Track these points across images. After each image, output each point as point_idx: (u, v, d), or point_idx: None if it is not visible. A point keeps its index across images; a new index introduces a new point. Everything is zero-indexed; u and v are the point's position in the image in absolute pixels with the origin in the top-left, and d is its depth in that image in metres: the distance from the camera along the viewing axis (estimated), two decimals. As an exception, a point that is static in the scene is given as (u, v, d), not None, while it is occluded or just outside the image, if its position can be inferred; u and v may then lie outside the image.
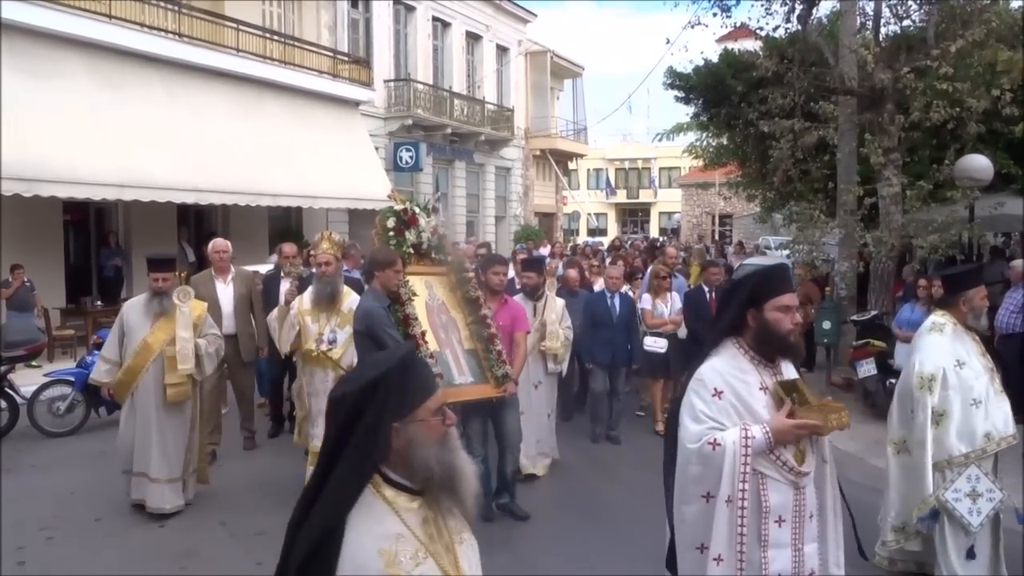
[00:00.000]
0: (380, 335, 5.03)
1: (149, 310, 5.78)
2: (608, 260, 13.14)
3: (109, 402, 7.69)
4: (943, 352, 4.51)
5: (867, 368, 9.23)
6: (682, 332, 8.75)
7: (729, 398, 2.94)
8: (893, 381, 8.99)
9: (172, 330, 5.77)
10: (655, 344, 8.45)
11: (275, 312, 6.64)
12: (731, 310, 3.08)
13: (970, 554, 4.35)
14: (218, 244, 7.84)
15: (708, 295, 8.64)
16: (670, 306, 8.71)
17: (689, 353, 8.65)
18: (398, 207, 6.04)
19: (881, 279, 11.39)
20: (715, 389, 2.95)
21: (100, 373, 5.95)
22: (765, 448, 2.87)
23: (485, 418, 5.86)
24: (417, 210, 6.13)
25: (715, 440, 2.87)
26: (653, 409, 8.72)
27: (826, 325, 10.60)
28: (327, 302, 6.19)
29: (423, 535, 1.83)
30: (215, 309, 7.14)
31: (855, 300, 11.94)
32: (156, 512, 5.82)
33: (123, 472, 5.97)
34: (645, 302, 8.79)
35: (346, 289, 6.37)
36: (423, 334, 5.52)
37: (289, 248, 8.29)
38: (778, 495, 2.91)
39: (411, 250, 5.93)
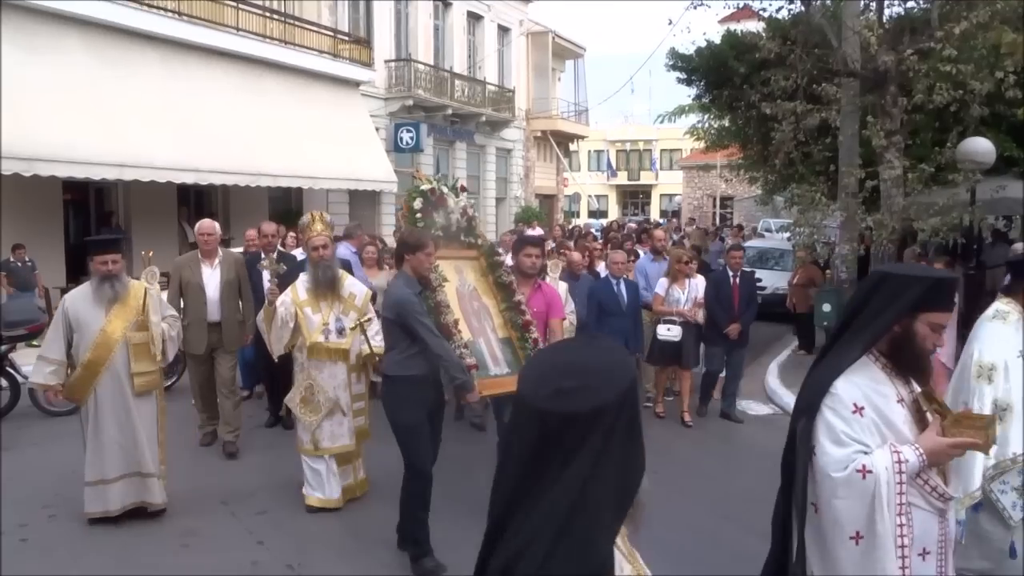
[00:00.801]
0: (413, 324, 4.70)
1: (100, 297, 5.24)
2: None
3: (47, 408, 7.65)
4: (1006, 342, 4.02)
5: (867, 351, 9.24)
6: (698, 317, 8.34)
7: (870, 414, 2.55)
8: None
9: (130, 316, 5.30)
10: (668, 332, 8.08)
11: (260, 315, 5.97)
12: (886, 314, 2.60)
13: (1012, 552, 3.87)
14: (204, 225, 7.21)
15: (731, 279, 8.41)
16: (687, 292, 8.25)
17: (712, 341, 8.42)
18: (425, 187, 5.71)
19: (881, 262, 11.38)
20: (855, 405, 2.54)
21: (43, 376, 5.26)
22: (917, 471, 2.51)
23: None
24: (445, 190, 5.81)
25: (864, 466, 2.45)
26: (656, 395, 8.55)
27: (826, 308, 10.62)
28: (327, 288, 5.71)
29: None
30: (200, 294, 6.86)
31: (856, 283, 11.94)
32: (152, 508, 5.45)
33: (86, 484, 5.33)
34: (660, 287, 8.36)
35: (341, 272, 5.94)
36: (456, 322, 5.22)
37: (268, 227, 7.78)
38: (923, 524, 2.54)
39: (439, 232, 5.56)
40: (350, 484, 5.85)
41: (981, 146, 10.24)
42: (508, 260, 6.64)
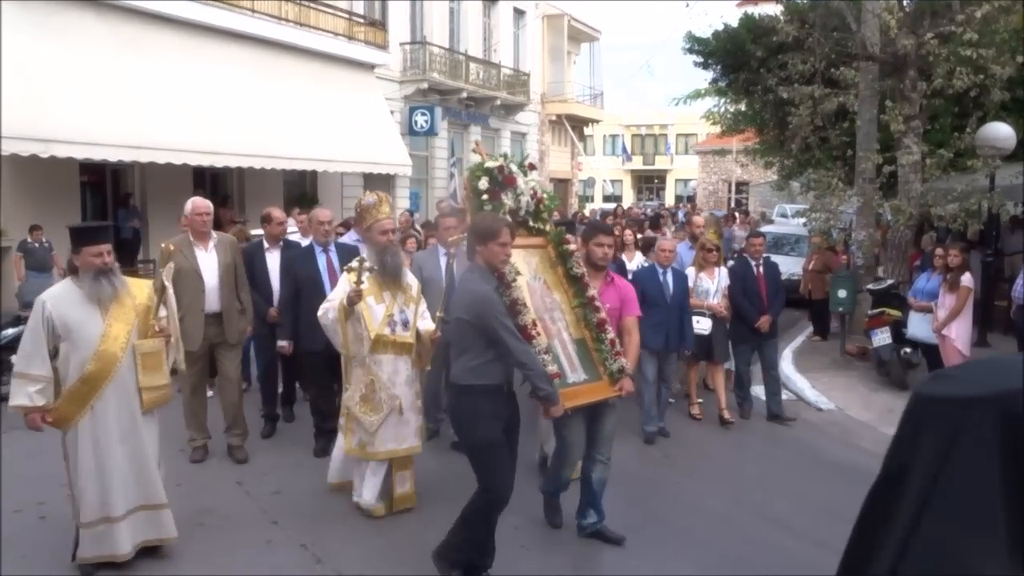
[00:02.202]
0: (495, 326, 4.10)
1: (96, 297, 4.26)
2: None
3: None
4: None
5: (882, 337, 9.21)
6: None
7: None
8: (907, 350, 9.04)
9: (131, 318, 4.36)
10: (698, 325, 7.55)
11: (331, 314, 5.19)
12: None
13: None
14: (199, 204, 6.26)
15: (755, 269, 7.95)
16: (716, 282, 7.80)
17: (740, 338, 7.91)
18: (491, 164, 5.05)
19: (898, 248, 11.31)
20: None
21: (27, 396, 4.20)
22: None
23: (585, 418, 4.84)
24: (514, 168, 5.14)
25: None
26: (688, 393, 8.03)
27: (842, 294, 10.57)
28: (394, 277, 5.24)
29: None
30: (196, 281, 6.01)
31: (872, 269, 11.89)
32: (165, 544, 4.65)
33: (83, 525, 4.33)
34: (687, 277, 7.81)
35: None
36: (534, 323, 4.57)
37: (323, 213, 6.89)
38: None
39: (508, 217, 4.88)
40: (406, 493, 5.40)
41: (1001, 131, 10.14)
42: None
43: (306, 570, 4.64)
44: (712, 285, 7.77)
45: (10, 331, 8.34)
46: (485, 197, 4.93)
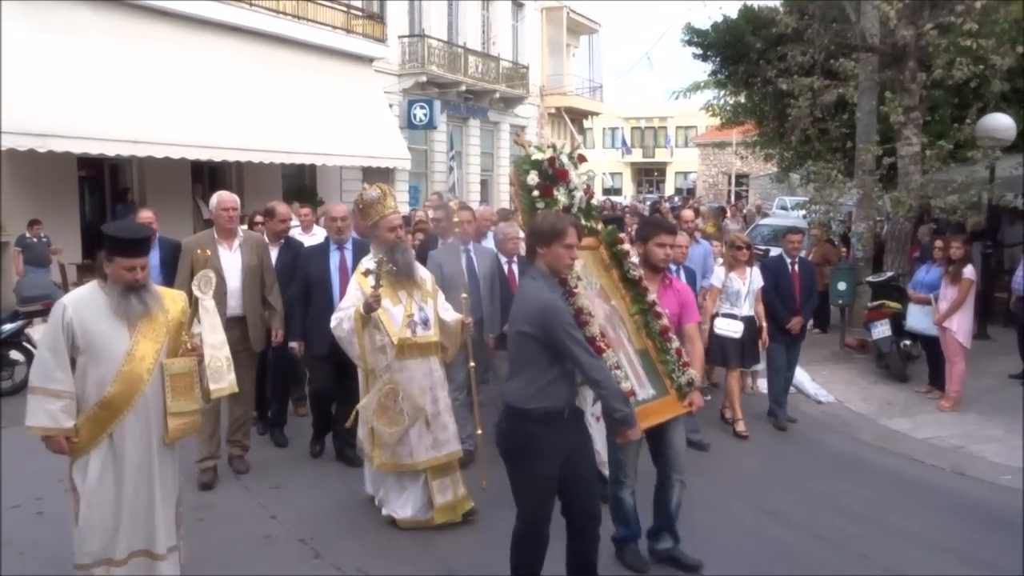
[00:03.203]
0: (565, 340, 3.59)
1: (122, 312, 3.72)
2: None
3: None
4: None
5: (881, 330, 9.20)
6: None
7: None
8: (907, 343, 9.03)
9: (160, 335, 3.81)
10: (728, 327, 7.08)
11: (346, 324, 4.84)
12: None
13: None
14: (225, 198, 5.88)
15: (790, 266, 7.54)
16: (748, 284, 7.20)
17: (772, 338, 7.34)
18: (540, 156, 4.52)
19: (898, 240, 11.29)
20: None
21: (49, 416, 3.63)
22: None
23: (644, 436, 4.27)
24: (565, 160, 4.57)
25: None
26: (731, 406, 7.39)
27: (841, 286, 10.55)
28: (407, 275, 4.94)
29: None
30: (218, 283, 5.16)
31: (871, 261, 11.87)
32: None
33: (79, 567, 3.76)
34: (715, 278, 7.35)
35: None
36: (601, 335, 4.09)
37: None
38: None
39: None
40: (450, 501, 5.03)
41: (1001, 122, 10.12)
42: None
43: (305, 565, 4.63)
44: (743, 286, 7.19)
45: (8, 326, 8.34)
46: (536, 194, 4.42)
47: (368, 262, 4.86)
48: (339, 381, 5.92)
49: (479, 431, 5.22)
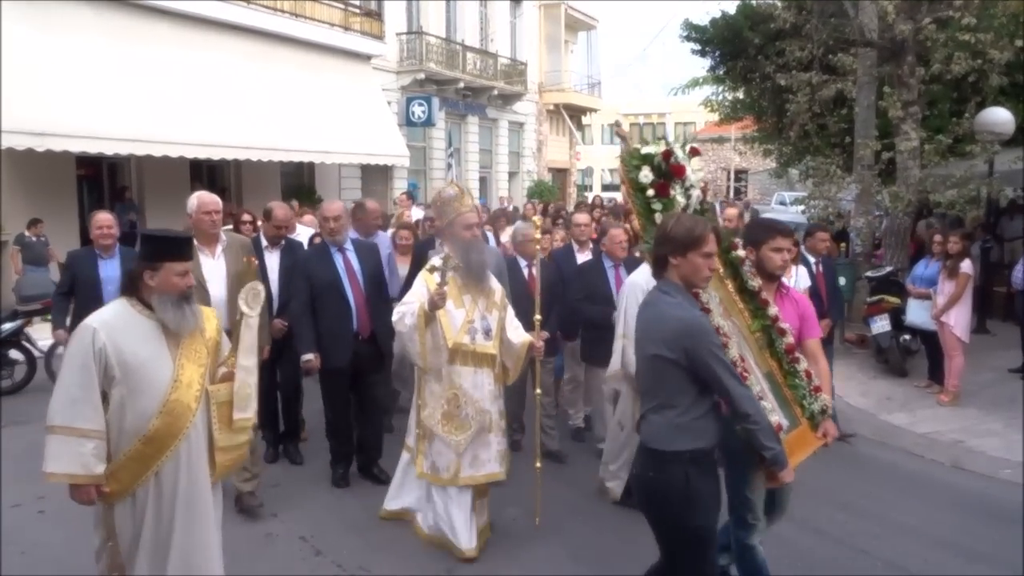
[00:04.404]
0: (712, 365, 3.07)
1: (176, 328, 3.27)
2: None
3: None
4: None
5: (880, 325, 9.20)
6: None
7: None
8: (906, 337, 9.03)
9: (202, 356, 3.34)
10: None
11: (408, 319, 4.50)
12: None
13: None
14: (205, 200, 5.42)
15: (814, 266, 7.09)
16: (794, 282, 6.32)
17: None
18: (651, 150, 3.94)
19: (897, 235, 11.29)
20: None
21: (77, 460, 3.12)
22: None
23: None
24: (680, 154, 3.97)
25: None
26: None
27: (840, 281, 10.54)
28: (478, 278, 4.65)
29: None
30: (200, 293, 4.75)
31: (870, 256, 11.87)
32: None
33: None
34: None
35: None
36: (741, 359, 3.56)
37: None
38: None
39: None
40: (482, 526, 4.80)
41: (1000, 117, 10.11)
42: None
43: (306, 563, 4.63)
44: (790, 285, 6.65)
45: (8, 325, 8.34)
46: (652, 193, 3.86)
47: (436, 259, 4.60)
48: (356, 394, 5.65)
49: (538, 464, 4.88)
